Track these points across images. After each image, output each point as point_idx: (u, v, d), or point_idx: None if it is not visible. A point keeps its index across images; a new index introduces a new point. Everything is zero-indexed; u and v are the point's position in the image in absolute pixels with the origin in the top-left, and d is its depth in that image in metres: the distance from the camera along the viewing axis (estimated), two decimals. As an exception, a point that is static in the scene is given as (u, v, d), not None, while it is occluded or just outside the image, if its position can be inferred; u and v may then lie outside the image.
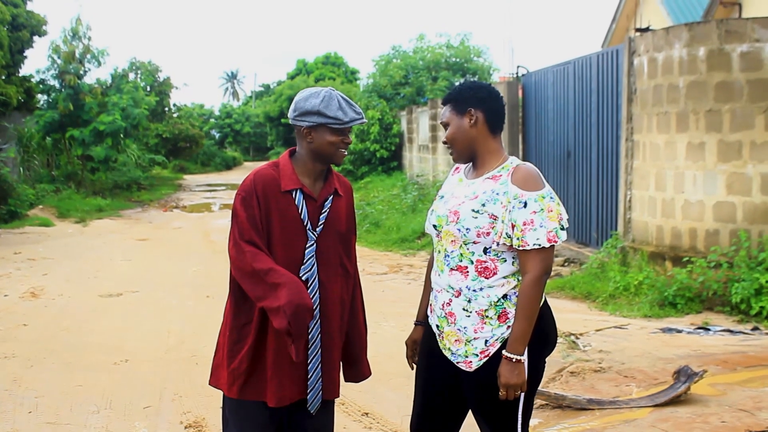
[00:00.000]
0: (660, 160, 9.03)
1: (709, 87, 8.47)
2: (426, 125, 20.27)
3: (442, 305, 3.05)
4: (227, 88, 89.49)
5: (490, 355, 2.96)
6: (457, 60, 24.94)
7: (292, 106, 3.16)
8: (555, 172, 12.32)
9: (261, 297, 2.96)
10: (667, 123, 8.88)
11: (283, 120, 43.58)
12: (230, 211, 3.25)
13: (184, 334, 7.61)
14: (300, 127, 3.12)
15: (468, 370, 3.00)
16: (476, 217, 2.92)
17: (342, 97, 3.13)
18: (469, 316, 2.98)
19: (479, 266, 2.96)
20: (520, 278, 2.95)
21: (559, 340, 6.57)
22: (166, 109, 35.62)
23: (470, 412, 3.18)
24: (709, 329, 7.44)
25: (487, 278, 2.95)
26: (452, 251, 3.00)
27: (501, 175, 2.98)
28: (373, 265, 11.93)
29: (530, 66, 15.56)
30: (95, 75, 27.83)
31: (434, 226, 3.08)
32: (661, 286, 8.33)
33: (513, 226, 2.89)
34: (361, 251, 13.44)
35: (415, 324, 3.34)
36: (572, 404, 5.25)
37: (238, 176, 43.72)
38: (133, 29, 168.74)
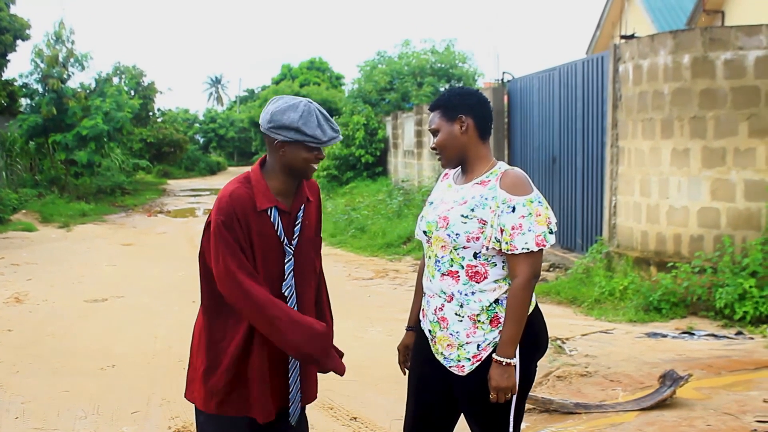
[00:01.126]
0: (645, 166, 9.10)
1: (693, 94, 8.54)
2: (411, 131, 20.30)
3: (435, 310, 3.07)
4: (212, 93, 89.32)
5: (483, 359, 2.99)
6: (442, 66, 25.00)
7: (267, 116, 2.99)
8: (540, 178, 12.37)
9: (271, 333, 2.95)
10: (652, 129, 8.95)
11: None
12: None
13: (171, 338, 7.59)
14: (273, 139, 2.98)
15: (461, 374, 3.03)
16: (465, 222, 2.95)
17: (320, 113, 3.00)
18: (461, 321, 3.00)
19: (470, 270, 2.98)
20: (510, 282, 2.98)
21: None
22: (151, 113, 35.47)
23: (462, 416, 3.20)
24: (693, 334, 7.49)
25: (478, 282, 2.98)
26: (443, 256, 3.02)
27: (490, 180, 3.01)
28: (359, 270, 11.94)
29: (515, 72, 15.61)
30: (79, 79, 27.56)
31: (424, 232, 3.10)
32: (646, 291, 8.39)
33: (502, 231, 2.92)
34: (347, 256, 13.45)
35: (406, 329, 3.36)
36: (559, 408, 5.28)
37: (222, 181, 43.60)
38: (118, 33, 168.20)
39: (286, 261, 3.06)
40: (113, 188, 27.19)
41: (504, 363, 2.91)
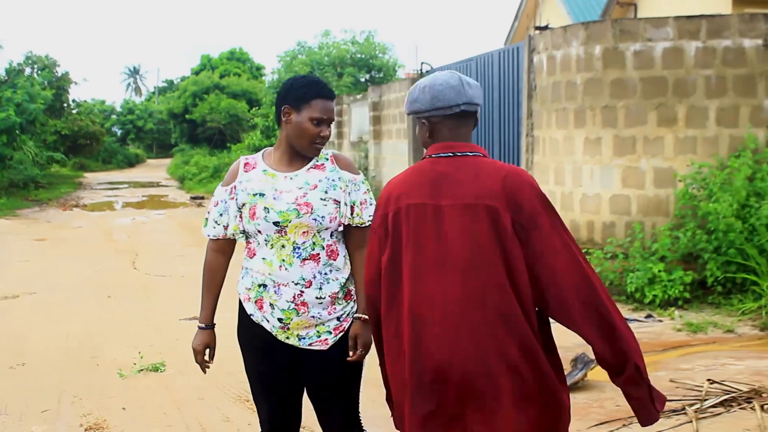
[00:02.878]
0: (559, 155, 9.29)
1: (604, 84, 8.74)
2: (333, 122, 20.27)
3: (293, 298, 3.04)
4: (129, 84, 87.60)
5: (345, 329, 3.14)
6: (363, 56, 25.02)
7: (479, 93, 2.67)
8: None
9: None
10: (566, 119, 9.14)
11: (187, 116, 42.85)
12: (134, 210, 3.16)
13: (85, 335, 7.43)
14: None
15: (324, 348, 3.09)
16: (326, 205, 3.05)
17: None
18: (321, 303, 3.08)
19: (328, 250, 3.10)
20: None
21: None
22: (65, 105, 34.61)
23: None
24: (605, 318, 7.68)
25: (335, 260, 3.10)
26: (304, 242, 3.05)
27: (324, 164, 3.15)
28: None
29: (434, 63, 15.74)
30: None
31: (276, 222, 3.02)
32: (560, 277, 8.56)
33: (353, 207, 3.13)
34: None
35: (203, 328, 3.25)
36: (475, 394, 5.34)
37: (140, 174, 42.86)
38: (29, 22, 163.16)
39: None
40: (26, 182, 26.38)
41: (364, 319, 3.08)
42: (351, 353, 3.11)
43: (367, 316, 3.00)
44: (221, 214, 3.16)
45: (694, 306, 7.94)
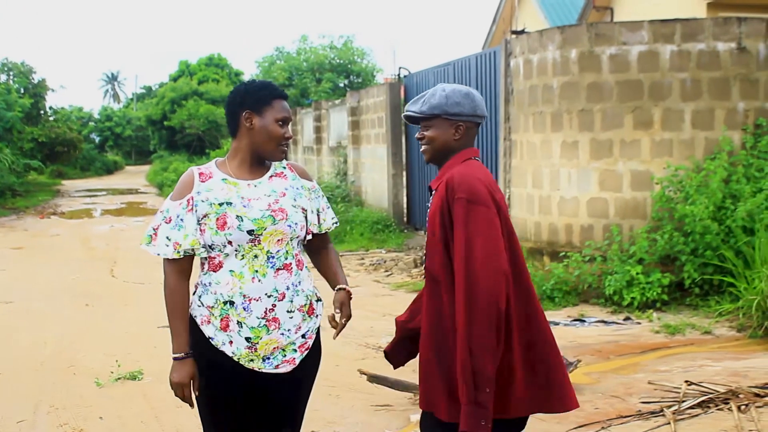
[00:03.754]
0: (536, 159, 9.32)
1: (581, 87, 8.79)
2: (311, 127, 20.25)
3: (264, 313, 2.92)
4: (107, 90, 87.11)
5: (309, 346, 3.07)
6: (341, 61, 25.05)
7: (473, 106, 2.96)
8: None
9: None
10: (543, 122, 9.17)
11: (165, 123, 42.67)
12: (113, 217, 3.13)
13: (62, 344, 7.36)
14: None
15: (290, 368, 3.00)
16: (297, 212, 3.02)
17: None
18: (292, 317, 2.98)
19: (296, 259, 3.04)
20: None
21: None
22: (42, 112, 34.32)
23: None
24: (584, 321, 7.72)
25: (302, 270, 3.05)
26: (278, 251, 2.96)
27: (283, 172, 3.11)
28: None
29: (413, 67, 15.78)
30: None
31: (250, 231, 2.90)
32: (539, 280, 8.59)
33: (318, 214, 3.16)
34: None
35: (183, 358, 2.93)
36: (454, 398, 5.34)
37: (119, 181, 42.58)
38: (5, 29, 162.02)
39: None
40: (2, 190, 26.10)
41: (348, 290, 3.15)
42: (335, 322, 3.06)
43: (348, 286, 3.14)
44: (174, 230, 2.92)
45: (671, 308, 7.98)
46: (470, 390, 2.60)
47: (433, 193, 2.95)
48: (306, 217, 3.05)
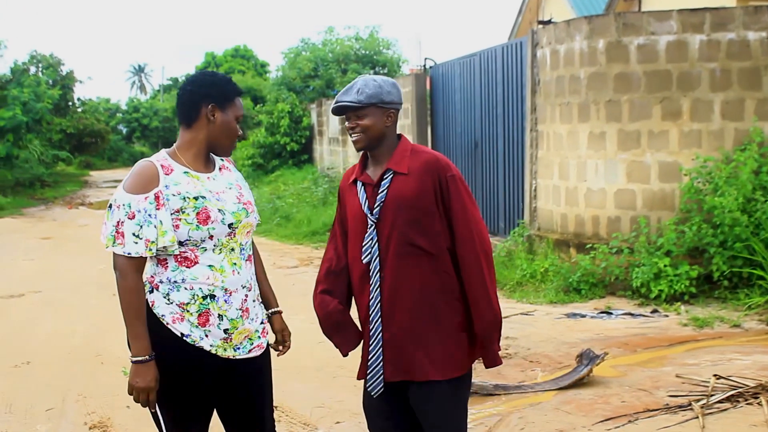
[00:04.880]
0: (563, 150, 9.25)
1: (608, 78, 8.70)
2: (336, 118, 20.23)
3: (240, 303, 2.96)
4: (134, 82, 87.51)
5: (268, 330, 3.18)
6: (366, 52, 24.96)
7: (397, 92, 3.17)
8: (463, 163, 12.47)
9: None
10: (570, 113, 9.10)
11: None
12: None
13: (89, 333, 7.44)
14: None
15: (260, 353, 3.08)
16: (254, 204, 3.11)
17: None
18: (255, 306, 3.07)
19: (248, 251, 3.10)
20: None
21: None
22: (70, 103, 34.60)
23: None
24: (611, 313, 7.66)
25: (250, 261, 3.09)
26: (246, 242, 3.03)
27: (225, 165, 3.12)
28: (284, 258, 11.87)
29: (438, 58, 15.72)
30: (-7, 68, 26.79)
31: (230, 224, 2.91)
32: (566, 272, 8.54)
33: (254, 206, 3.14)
34: (272, 245, 13.37)
35: (147, 360, 2.80)
36: (479, 390, 5.33)
37: (146, 172, 42.71)
38: (34, 21, 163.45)
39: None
40: (32, 181, 26.42)
41: (281, 312, 3.28)
42: (281, 348, 3.24)
43: (281, 309, 3.25)
44: (141, 227, 2.77)
45: (700, 301, 7.90)
46: (499, 332, 3.13)
47: (395, 174, 3.08)
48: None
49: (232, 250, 2.95)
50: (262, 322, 3.10)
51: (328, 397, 5.40)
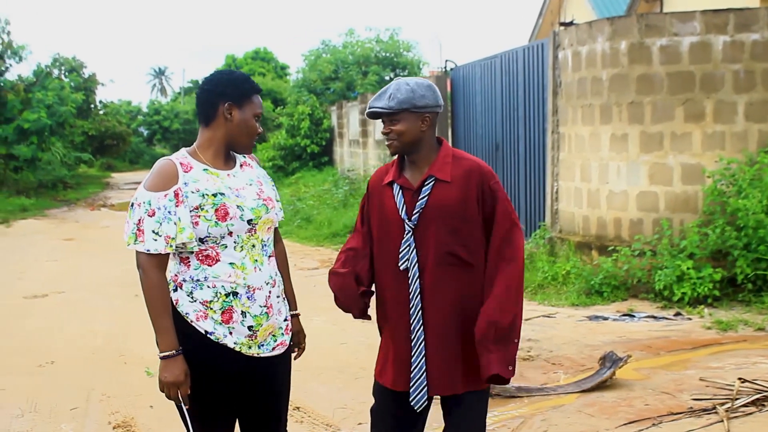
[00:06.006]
0: (585, 152, 9.21)
1: (630, 80, 8.66)
2: (356, 120, 20.26)
3: (264, 300, 2.96)
4: (155, 85, 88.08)
5: (291, 328, 3.18)
6: (387, 54, 24.99)
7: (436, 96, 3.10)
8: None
9: None
10: (592, 115, 9.06)
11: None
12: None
13: (112, 334, 7.49)
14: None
15: (283, 350, 3.08)
16: (275, 200, 3.10)
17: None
18: (278, 302, 3.07)
19: (271, 247, 3.10)
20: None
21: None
22: (92, 105, 34.85)
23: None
24: (633, 316, 7.62)
25: (273, 257, 3.10)
26: (267, 238, 3.03)
27: (249, 162, 3.12)
28: (305, 260, 11.90)
29: (458, 60, 15.69)
30: (16, 71, 27.06)
31: (250, 220, 2.92)
32: (587, 275, 8.51)
33: (277, 203, 3.13)
34: (293, 246, 13.39)
35: (175, 355, 2.83)
36: (501, 392, 5.32)
37: (167, 174, 42.97)
38: (55, 24, 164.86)
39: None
40: (55, 182, 26.63)
41: (298, 314, 3.29)
42: (296, 350, 3.27)
43: (299, 312, 3.28)
44: (161, 224, 2.80)
45: (723, 304, 7.84)
46: (517, 343, 3.02)
47: (436, 181, 3.02)
48: (275, 206, 3.12)
49: (253, 246, 2.95)
50: (285, 319, 3.10)
51: (350, 398, 5.40)
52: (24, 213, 19.85)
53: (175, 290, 2.91)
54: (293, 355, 3.24)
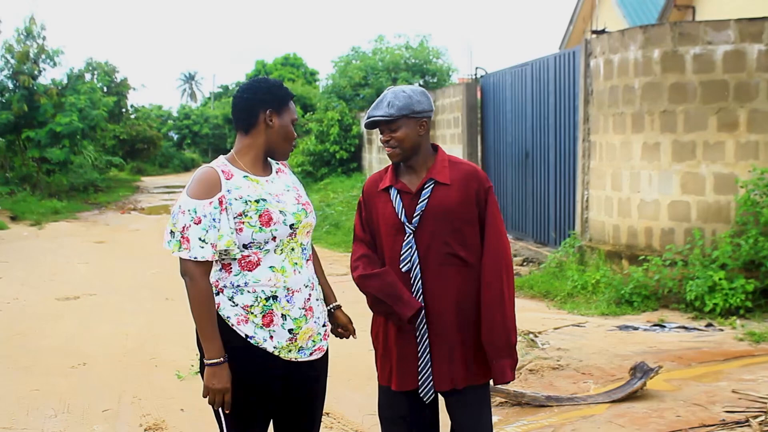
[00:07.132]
0: (616, 160, 9.16)
1: (663, 88, 8.61)
2: (385, 126, 20.27)
3: (303, 303, 3.00)
4: (185, 90, 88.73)
5: (329, 333, 3.22)
6: (417, 61, 24.96)
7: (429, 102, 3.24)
8: (513, 173, 12.42)
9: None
10: (623, 123, 9.02)
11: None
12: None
13: (143, 336, 7.55)
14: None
15: (321, 355, 3.13)
16: (311, 205, 3.15)
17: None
18: (318, 306, 3.12)
19: (309, 250, 3.16)
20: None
21: (519, 338, 6.65)
22: (124, 110, 35.18)
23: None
24: (664, 326, 7.56)
25: (310, 260, 3.15)
26: (307, 242, 3.10)
27: (282, 168, 3.17)
28: (334, 266, 11.92)
29: (489, 67, 15.67)
30: (50, 75, 27.45)
31: (291, 225, 2.96)
32: (617, 284, 8.45)
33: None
34: (321, 252, 13.41)
35: (222, 362, 2.86)
36: (531, 401, 5.30)
37: (196, 178, 43.27)
38: (89, 29, 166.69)
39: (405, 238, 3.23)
40: (86, 185, 26.92)
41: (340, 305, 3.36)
42: (346, 333, 3.36)
43: (340, 304, 3.32)
44: (207, 231, 2.83)
45: (756, 315, 7.75)
46: (515, 344, 3.23)
47: (436, 184, 3.16)
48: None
49: (293, 250, 3.01)
50: (324, 324, 3.14)
51: (379, 405, 5.40)
52: (56, 215, 20.07)
53: (217, 294, 2.94)
54: (345, 335, 3.35)
